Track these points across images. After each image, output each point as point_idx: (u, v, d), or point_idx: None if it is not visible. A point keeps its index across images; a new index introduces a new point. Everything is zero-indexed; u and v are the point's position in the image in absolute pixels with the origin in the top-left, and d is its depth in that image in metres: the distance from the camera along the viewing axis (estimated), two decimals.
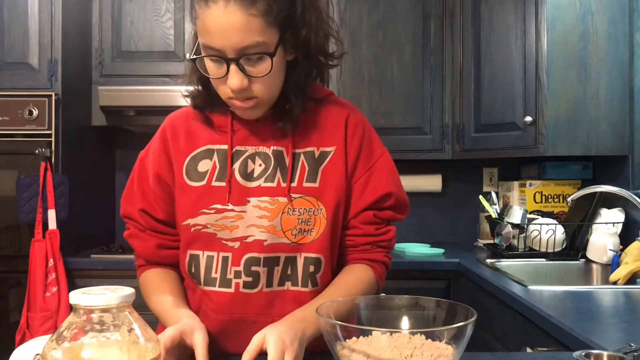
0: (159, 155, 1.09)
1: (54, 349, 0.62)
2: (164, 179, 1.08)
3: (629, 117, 2.31)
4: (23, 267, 2.30)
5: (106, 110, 2.63)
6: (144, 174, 1.10)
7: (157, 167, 1.08)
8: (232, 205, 1.03)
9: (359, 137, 1.10)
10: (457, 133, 2.71)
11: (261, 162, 1.06)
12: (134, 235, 1.11)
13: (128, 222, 1.13)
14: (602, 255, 2.15)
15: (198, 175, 1.05)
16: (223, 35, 0.92)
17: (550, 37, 2.26)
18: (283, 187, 1.04)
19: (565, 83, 2.27)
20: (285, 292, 1.05)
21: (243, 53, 0.94)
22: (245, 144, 1.07)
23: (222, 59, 0.94)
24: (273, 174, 1.05)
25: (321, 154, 1.07)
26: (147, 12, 2.74)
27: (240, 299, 1.04)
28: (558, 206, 2.60)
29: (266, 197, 1.03)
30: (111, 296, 0.64)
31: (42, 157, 2.34)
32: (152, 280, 1.10)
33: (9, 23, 2.45)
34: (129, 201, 1.12)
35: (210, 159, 1.06)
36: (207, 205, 1.03)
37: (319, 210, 1.04)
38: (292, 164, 1.05)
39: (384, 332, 0.80)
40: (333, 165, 1.07)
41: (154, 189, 1.08)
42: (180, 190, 1.06)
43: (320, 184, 1.05)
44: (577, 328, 1.22)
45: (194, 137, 1.08)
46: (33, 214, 2.31)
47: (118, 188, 3.04)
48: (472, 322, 0.80)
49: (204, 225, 1.03)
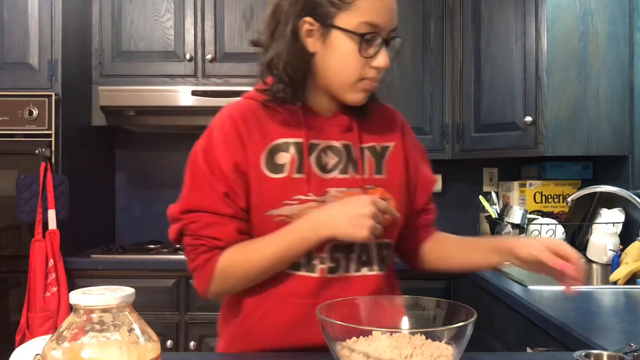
0: (234, 145, 1.07)
1: (54, 349, 0.62)
2: (241, 167, 1.07)
3: (629, 117, 2.31)
4: (23, 267, 2.30)
5: (106, 110, 2.63)
6: (214, 164, 1.07)
7: (234, 156, 1.07)
8: (313, 195, 1.07)
9: (409, 134, 1.23)
10: (457, 133, 2.71)
11: (333, 155, 1.11)
12: (210, 223, 1.06)
13: (194, 215, 1.07)
14: (602, 255, 2.15)
15: (277, 168, 1.07)
16: (388, 15, 1.04)
17: (550, 37, 2.26)
18: (357, 179, 1.10)
19: (565, 83, 2.27)
20: (362, 277, 1.09)
21: (391, 35, 1.06)
22: (317, 137, 1.11)
23: (377, 38, 1.03)
24: (345, 166, 1.11)
25: (382, 149, 1.16)
26: (147, 12, 2.74)
27: (324, 283, 1.07)
28: (558, 206, 2.60)
29: (343, 188, 1.09)
30: (111, 296, 0.64)
31: (42, 157, 2.34)
32: (240, 245, 1.07)
33: (9, 23, 2.45)
34: (199, 192, 1.07)
35: (287, 151, 1.08)
36: (290, 197, 1.06)
37: (387, 200, 1.09)
38: (361, 157, 1.12)
39: (384, 332, 0.80)
40: (394, 160, 1.16)
41: (233, 178, 1.06)
42: (260, 181, 1.06)
43: (387, 176, 1.14)
44: (577, 328, 1.22)
45: (268, 130, 1.09)
46: (33, 214, 2.31)
47: (118, 188, 3.04)
48: (472, 322, 0.80)
49: (288, 215, 1.06)
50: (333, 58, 1.05)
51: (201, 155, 1.10)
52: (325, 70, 1.07)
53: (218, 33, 2.73)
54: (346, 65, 1.04)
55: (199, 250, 1.07)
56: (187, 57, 2.72)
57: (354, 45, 1.02)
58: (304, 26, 1.04)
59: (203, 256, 1.07)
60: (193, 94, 2.55)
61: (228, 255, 1.06)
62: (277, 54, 1.06)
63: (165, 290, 2.40)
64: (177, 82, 2.72)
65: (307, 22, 1.03)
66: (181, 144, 3.06)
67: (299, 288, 1.07)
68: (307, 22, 1.03)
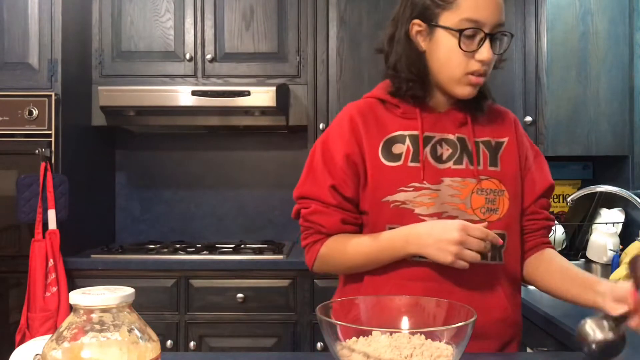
0: (348, 139, 1.17)
1: (54, 349, 0.62)
2: (353, 159, 1.16)
3: (629, 117, 2.31)
4: (23, 267, 2.29)
5: (106, 110, 2.63)
6: (328, 155, 1.18)
7: (347, 148, 1.17)
8: (427, 183, 1.14)
9: (522, 133, 1.28)
10: None
11: (448, 147, 1.18)
12: (317, 211, 1.17)
13: (306, 202, 1.19)
14: (602, 255, 2.15)
15: (393, 157, 1.16)
16: (490, 10, 1.10)
17: (550, 37, 2.26)
18: (472, 170, 1.17)
19: (565, 83, 2.27)
20: (476, 265, 1.10)
21: (496, 30, 1.12)
22: (432, 130, 1.18)
23: (479, 33, 1.10)
24: (460, 157, 1.17)
25: (497, 144, 1.22)
26: (147, 12, 2.74)
27: (436, 269, 1.11)
28: (558, 206, 2.60)
29: (457, 178, 1.16)
30: (111, 296, 0.64)
31: (42, 157, 2.34)
32: (342, 238, 1.18)
33: (9, 23, 2.45)
34: (312, 181, 1.19)
35: (403, 143, 1.17)
36: (405, 184, 1.14)
37: (502, 191, 1.17)
38: (476, 150, 1.19)
39: (384, 332, 0.80)
40: (508, 154, 1.22)
41: (344, 169, 1.16)
42: (377, 169, 1.15)
43: (502, 169, 1.19)
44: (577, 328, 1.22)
45: (385, 123, 1.19)
46: (33, 214, 2.31)
47: (118, 188, 3.04)
48: (472, 322, 0.80)
49: (403, 201, 1.13)
50: (439, 54, 1.14)
51: (319, 147, 1.20)
52: (434, 66, 1.15)
53: (218, 33, 2.74)
54: (450, 60, 1.13)
55: (308, 232, 1.20)
56: (187, 57, 2.72)
57: (455, 41, 1.10)
58: (413, 28, 1.15)
59: (311, 238, 1.20)
60: (193, 94, 2.55)
61: (329, 244, 1.18)
62: (398, 57, 1.17)
63: (165, 290, 2.40)
64: (177, 82, 2.72)
65: (415, 24, 1.15)
66: (181, 144, 3.07)
67: (419, 272, 1.12)
68: (416, 23, 1.14)
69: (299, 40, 2.74)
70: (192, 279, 2.41)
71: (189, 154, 3.03)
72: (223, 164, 3.04)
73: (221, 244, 2.71)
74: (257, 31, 2.74)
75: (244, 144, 3.04)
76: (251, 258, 2.45)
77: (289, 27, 2.74)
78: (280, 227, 3.03)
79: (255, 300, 2.39)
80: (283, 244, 2.73)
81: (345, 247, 1.16)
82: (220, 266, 2.41)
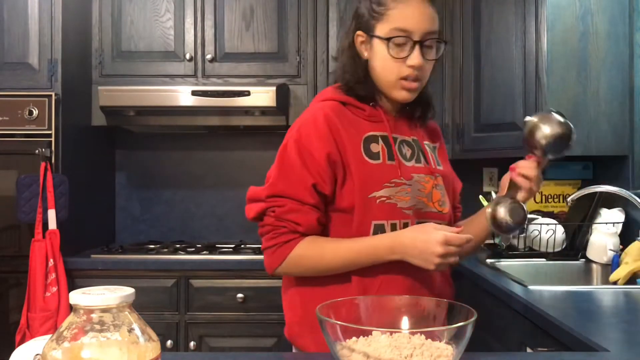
0: (327, 138, 1.21)
1: (54, 349, 0.62)
2: (333, 157, 1.21)
3: (629, 117, 2.31)
4: (23, 267, 2.30)
5: (106, 110, 2.63)
6: (306, 154, 1.20)
7: (327, 147, 1.20)
8: (404, 179, 1.24)
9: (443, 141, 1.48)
10: (457, 133, 2.71)
11: (408, 147, 1.30)
12: (294, 209, 1.19)
13: (280, 200, 1.19)
14: (602, 255, 2.15)
15: (373, 155, 1.24)
16: (419, 19, 1.21)
17: (550, 37, 2.26)
18: (429, 167, 1.31)
19: (565, 83, 2.27)
20: None
21: (426, 37, 1.22)
22: (394, 132, 1.29)
23: (409, 41, 1.21)
24: (418, 157, 1.31)
25: (433, 147, 1.39)
26: (147, 12, 2.74)
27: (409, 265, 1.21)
28: (558, 206, 2.59)
29: (422, 174, 1.28)
30: (111, 296, 0.64)
31: (42, 157, 2.34)
32: (319, 240, 1.22)
33: (9, 23, 2.45)
34: (287, 180, 1.20)
35: (377, 142, 1.26)
36: (387, 180, 1.22)
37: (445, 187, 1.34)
38: (426, 150, 1.33)
39: (384, 332, 0.80)
40: (441, 157, 1.41)
41: (324, 167, 1.20)
42: (362, 166, 1.22)
43: (443, 168, 1.37)
44: (577, 328, 1.22)
45: (357, 124, 1.27)
46: (33, 214, 2.31)
47: (118, 188, 3.04)
48: (472, 322, 0.80)
49: (388, 197, 1.21)
50: (376, 62, 1.25)
51: (293, 146, 1.22)
52: (374, 73, 1.27)
53: (218, 33, 2.74)
54: (385, 67, 1.24)
55: (279, 231, 1.20)
56: (187, 57, 2.72)
57: (389, 50, 1.21)
58: (358, 38, 1.28)
59: (282, 237, 1.20)
60: (193, 94, 2.55)
61: (304, 245, 1.19)
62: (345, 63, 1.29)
63: (165, 290, 2.40)
64: (177, 82, 2.72)
65: (359, 35, 1.27)
66: (181, 144, 3.07)
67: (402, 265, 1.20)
68: (359, 34, 1.27)
69: (299, 40, 2.74)
70: (192, 279, 2.41)
71: (189, 154, 3.03)
72: (223, 164, 3.04)
73: (221, 244, 2.71)
74: (257, 31, 2.74)
75: (244, 144, 3.04)
76: (251, 258, 2.45)
77: (289, 27, 2.74)
78: None
79: (255, 300, 2.39)
80: None
81: (323, 250, 1.20)
82: (220, 266, 2.41)
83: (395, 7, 1.22)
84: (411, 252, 1.16)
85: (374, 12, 1.23)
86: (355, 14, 1.30)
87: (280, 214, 1.19)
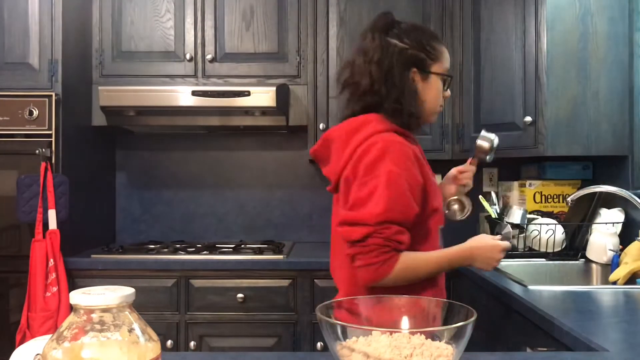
0: (416, 171, 1.41)
1: (54, 349, 0.62)
2: (423, 183, 1.43)
3: (629, 117, 2.31)
4: (23, 267, 2.30)
5: (106, 110, 2.63)
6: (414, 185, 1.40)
7: (420, 179, 1.42)
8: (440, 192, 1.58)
9: None
10: (457, 133, 2.71)
11: None
12: (400, 232, 1.36)
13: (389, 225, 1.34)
14: (601, 255, 2.15)
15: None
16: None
17: (550, 37, 2.26)
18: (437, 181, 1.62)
19: (565, 83, 2.27)
20: None
21: None
22: None
23: (449, 79, 1.56)
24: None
25: None
26: (147, 12, 2.74)
27: None
28: (558, 206, 2.60)
29: None
30: (111, 296, 0.64)
31: (42, 157, 2.34)
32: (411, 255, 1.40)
33: (9, 23, 2.45)
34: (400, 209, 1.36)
35: None
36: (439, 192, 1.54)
37: None
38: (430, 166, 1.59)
39: (384, 332, 0.80)
40: None
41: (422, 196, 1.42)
42: (436, 188, 1.50)
43: None
44: (577, 328, 1.22)
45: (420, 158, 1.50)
46: (33, 214, 2.31)
47: (118, 188, 3.04)
48: (472, 322, 0.80)
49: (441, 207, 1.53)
50: (431, 93, 1.52)
51: (397, 177, 1.37)
52: (424, 102, 1.51)
53: (218, 33, 2.74)
54: (436, 97, 1.53)
55: (383, 250, 1.34)
56: (187, 57, 2.72)
57: (441, 84, 1.54)
58: (414, 75, 1.49)
59: (385, 255, 1.34)
60: (193, 94, 2.55)
61: (404, 261, 1.37)
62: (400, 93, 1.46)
63: (165, 290, 2.40)
64: (177, 82, 2.72)
65: (414, 72, 1.49)
66: (181, 144, 3.08)
67: None
68: (414, 71, 1.49)
69: (299, 40, 2.74)
70: (192, 279, 2.41)
71: (189, 154, 3.03)
72: (223, 164, 3.04)
73: (221, 244, 2.71)
74: (257, 31, 2.75)
75: (244, 144, 3.04)
76: (251, 258, 2.45)
77: (289, 27, 2.74)
78: (280, 227, 3.03)
79: (255, 300, 2.39)
80: (283, 244, 2.73)
81: (417, 264, 1.40)
82: (220, 266, 2.41)
83: (444, 51, 1.55)
84: (479, 262, 1.48)
85: (431, 53, 1.50)
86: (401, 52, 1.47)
87: (389, 236, 1.34)
